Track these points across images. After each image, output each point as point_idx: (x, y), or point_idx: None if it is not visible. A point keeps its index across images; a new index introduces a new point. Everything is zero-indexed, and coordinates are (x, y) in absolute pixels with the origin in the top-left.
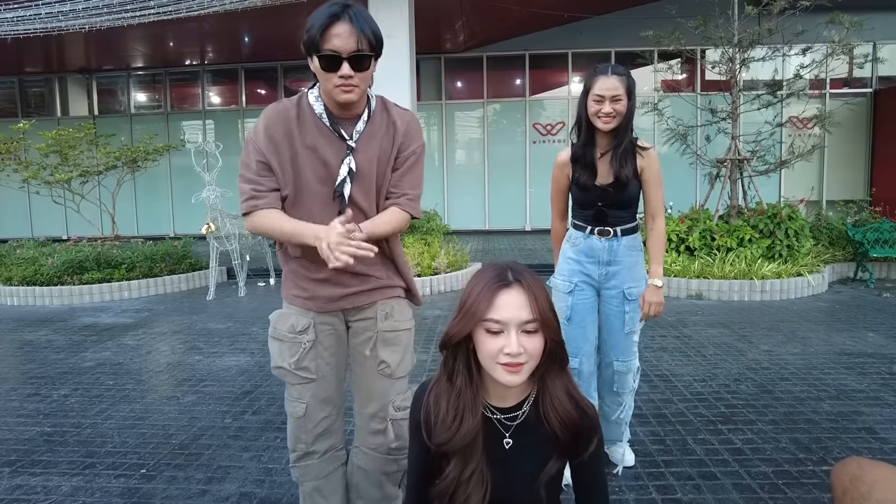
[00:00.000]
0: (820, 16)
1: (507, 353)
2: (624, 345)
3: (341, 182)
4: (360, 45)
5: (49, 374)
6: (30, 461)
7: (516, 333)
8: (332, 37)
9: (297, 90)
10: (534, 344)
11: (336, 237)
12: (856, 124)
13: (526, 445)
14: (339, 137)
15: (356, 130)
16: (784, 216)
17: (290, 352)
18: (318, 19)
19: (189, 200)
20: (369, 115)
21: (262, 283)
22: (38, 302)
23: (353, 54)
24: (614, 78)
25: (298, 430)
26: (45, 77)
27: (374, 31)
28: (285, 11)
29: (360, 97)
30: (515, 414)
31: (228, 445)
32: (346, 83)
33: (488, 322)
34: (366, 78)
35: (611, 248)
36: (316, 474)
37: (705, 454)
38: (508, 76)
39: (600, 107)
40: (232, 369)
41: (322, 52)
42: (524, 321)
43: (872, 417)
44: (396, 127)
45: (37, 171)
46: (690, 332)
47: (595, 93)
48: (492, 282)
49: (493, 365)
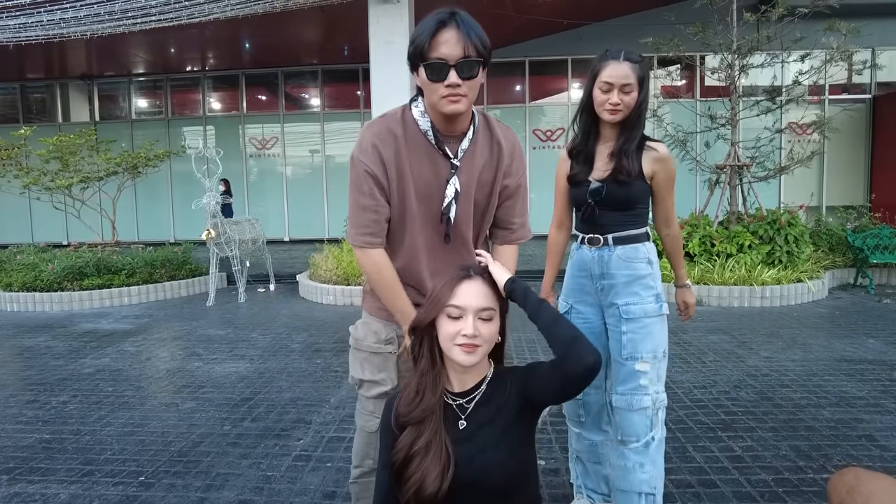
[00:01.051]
0: (818, 22)
1: (464, 335)
2: (624, 374)
3: (448, 204)
4: (468, 52)
5: (48, 380)
6: (28, 468)
7: (473, 319)
8: (440, 44)
9: (297, 96)
10: (489, 330)
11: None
12: (855, 130)
13: (482, 420)
14: (445, 156)
15: (461, 148)
16: (784, 222)
17: (371, 362)
18: (426, 27)
19: (189, 206)
20: (474, 132)
21: (262, 290)
22: (38, 308)
23: (461, 61)
24: (626, 65)
25: (368, 445)
26: (46, 83)
27: (482, 37)
28: (286, 18)
29: (468, 109)
30: (473, 395)
31: (227, 453)
32: (453, 92)
33: (450, 308)
34: (474, 87)
35: (601, 260)
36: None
37: (705, 462)
38: (508, 82)
39: (608, 96)
40: (231, 376)
41: (429, 60)
42: (481, 308)
43: (873, 425)
44: (501, 147)
45: (37, 176)
46: (690, 339)
47: (603, 79)
48: (455, 275)
49: (451, 346)
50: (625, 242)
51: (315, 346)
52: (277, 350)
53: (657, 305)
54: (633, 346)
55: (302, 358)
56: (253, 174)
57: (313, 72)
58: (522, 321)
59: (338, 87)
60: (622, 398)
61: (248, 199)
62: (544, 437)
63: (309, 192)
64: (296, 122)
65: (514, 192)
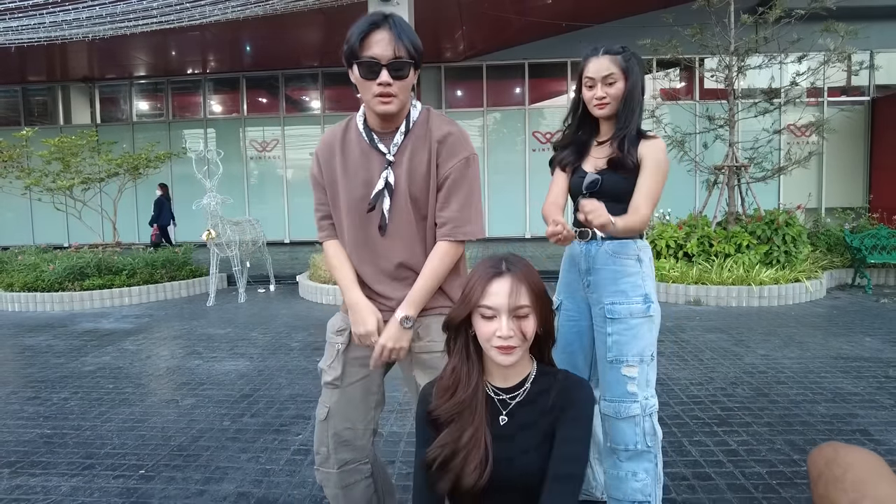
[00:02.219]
0: (815, 24)
1: (498, 336)
2: (611, 379)
3: (377, 194)
4: (399, 52)
5: (49, 377)
6: (29, 462)
7: (507, 318)
8: (372, 44)
9: (297, 99)
10: (526, 327)
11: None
12: (854, 132)
13: (525, 422)
14: (379, 152)
15: (394, 143)
16: (781, 222)
17: (327, 353)
18: (358, 28)
19: (190, 207)
20: (408, 128)
21: (262, 290)
22: (39, 308)
23: (392, 61)
24: (605, 58)
25: (320, 433)
26: (48, 86)
27: (414, 40)
28: (286, 20)
29: (400, 109)
30: (516, 392)
31: (227, 447)
32: (384, 91)
33: (482, 308)
34: (405, 87)
35: (588, 253)
36: (336, 483)
37: (700, 455)
38: (508, 85)
39: (593, 91)
40: (231, 373)
41: (361, 58)
42: (515, 307)
43: (867, 420)
44: (432, 138)
45: (39, 178)
46: (688, 338)
47: (586, 76)
48: (486, 271)
49: (489, 347)
50: (614, 237)
51: (314, 345)
52: (277, 348)
53: (644, 306)
54: (619, 348)
55: (301, 356)
56: (253, 176)
57: (313, 74)
58: None
59: (338, 90)
60: (610, 405)
61: (248, 201)
62: None
63: (308, 194)
64: (296, 125)
65: (443, 184)
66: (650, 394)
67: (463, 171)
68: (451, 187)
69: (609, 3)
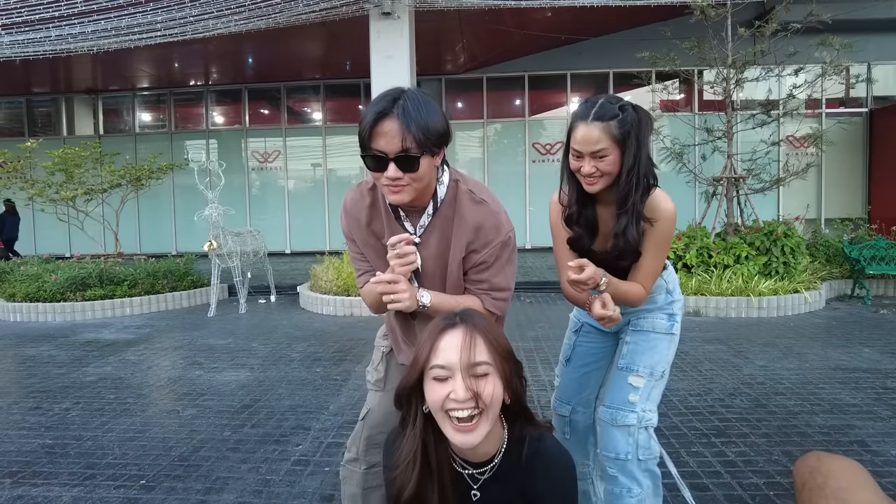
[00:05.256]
0: (812, 37)
1: (453, 400)
2: (615, 384)
3: (409, 281)
4: (407, 144)
5: (51, 388)
6: (31, 472)
7: (462, 377)
8: (378, 136)
9: (299, 110)
10: (489, 387)
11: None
12: (853, 143)
13: (499, 498)
14: (406, 231)
15: (420, 224)
16: (780, 233)
17: (374, 356)
18: (368, 116)
19: (191, 218)
20: (435, 208)
21: (263, 301)
22: (41, 318)
23: (399, 155)
24: (595, 126)
25: (357, 432)
26: (51, 97)
27: (427, 125)
28: (288, 33)
29: (416, 196)
30: (485, 468)
31: (227, 457)
32: (393, 184)
33: (433, 369)
34: (419, 177)
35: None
36: (359, 482)
37: (698, 466)
38: (508, 97)
39: (580, 163)
40: (232, 384)
41: (368, 152)
42: (472, 363)
43: (865, 431)
44: (465, 225)
45: (43, 188)
46: (687, 349)
47: (573, 145)
48: (436, 326)
49: (443, 418)
50: None
51: (315, 356)
52: (277, 359)
53: (669, 323)
54: (632, 356)
55: (302, 367)
56: (255, 187)
57: (315, 86)
58: (520, 330)
59: (339, 102)
60: (608, 411)
61: (250, 212)
62: None
63: (310, 205)
64: (298, 136)
65: (477, 265)
66: (650, 408)
67: (498, 253)
68: (484, 269)
69: (607, 16)
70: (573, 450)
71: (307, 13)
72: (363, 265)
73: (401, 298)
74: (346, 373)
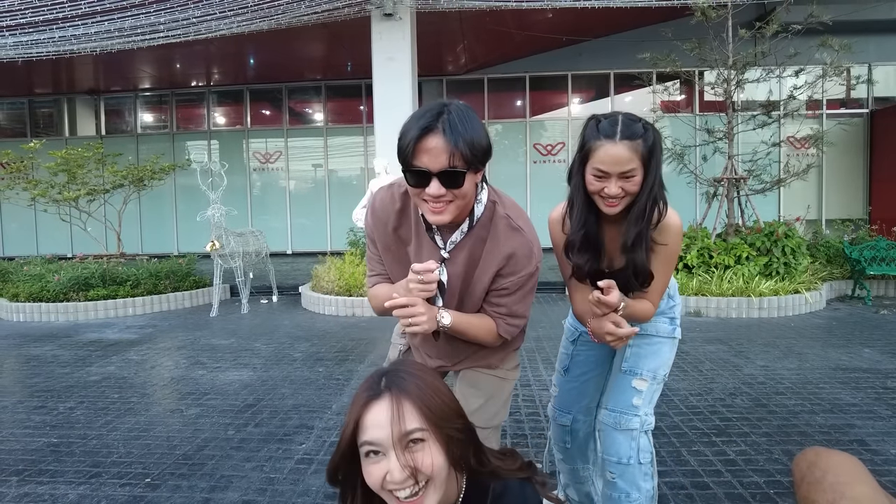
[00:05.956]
0: (813, 38)
1: (390, 481)
2: (619, 388)
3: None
4: (453, 161)
5: (55, 387)
6: (37, 470)
7: (396, 454)
8: (422, 152)
9: (300, 111)
10: (427, 458)
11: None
12: (853, 144)
13: None
14: (435, 244)
15: (451, 241)
16: (781, 234)
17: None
18: (411, 131)
19: (194, 219)
20: (470, 226)
21: (265, 301)
22: (44, 318)
23: (444, 171)
24: (624, 146)
25: None
26: (54, 98)
27: (472, 140)
28: (290, 34)
29: (458, 216)
30: None
31: (231, 456)
32: (436, 202)
33: (364, 445)
34: (462, 194)
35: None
36: None
37: (699, 465)
38: (509, 98)
39: (603, 184)
40: (235, 383)
41: (411, 167)
42: (403, 434)
43: (865, 430)
44: (499, 250)
45: (45, 189)
46: (688, 349)
47: (595, 165)
48: (360, 397)
49: (387, 496)
50: None
51: (317, 356)
52: (280, 359)
53: (671, 327)
54: (636, 360)
55: (304, 366)
56: (257, 188)
57: (317, 87)
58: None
59: (341, 103)
60: (611, 415)
61: (251, 213)
62: (541, 442)
63: (312, 206)
64: (299, 137)
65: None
66: (650, 412)
67: (524, 282)
68: (506, 294)
69: (608, 17)
70: (574, 457)
71: (309, 14)
72: (378, 267)
73: (419, 322)
74: (348, 372)
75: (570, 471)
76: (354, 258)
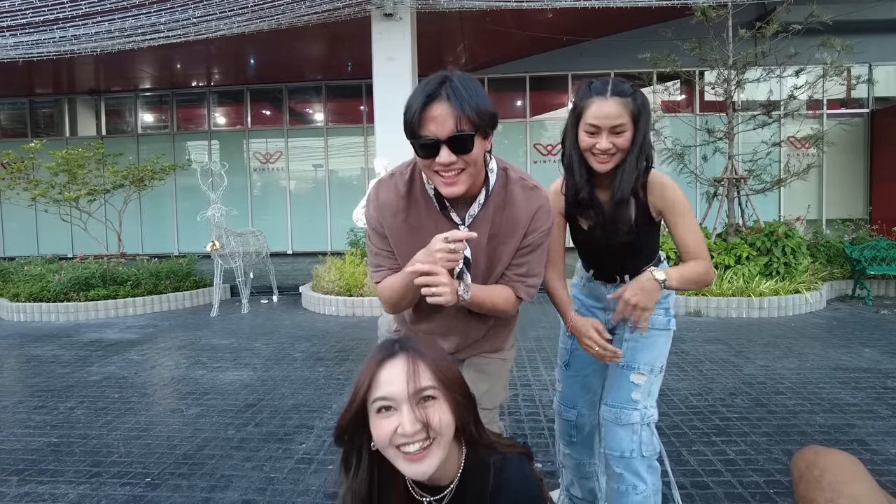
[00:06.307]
0: (813, 38)
1: (401, 435)
2: (617, 383)
3: (459, 273)
4: (461, 125)
5: (55, 387)
6: (37, 470)
7: (409, 407)
8: (429, 120)
9: (301, 111)
10: (437, 414)
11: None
12: (854, 144)
13: None
14: (451, 222)
15: (469, 214)
16: (781, 234)
17: None
18: (416, 101)
19: (194, 219)
20: (486, 196)
21: (265, 301)
22: (45, 318)
23: (453, 136)
24: (614, 101)
25: None
26: (54, 98)
27: (478, 105)
28: (290, 34)
29: (471, 184)
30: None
31: (231, 456)
32: (447, 170)
33: (376, 402)
34: (473, 160)
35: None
36: None
37: (699, 464)
38: (509, 97)
39: (595, 140)
40: (235, 383)
41: (419, 137)
42: (417, 390)
43: (865, 430)
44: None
45: (46, 189)
46: (688, 349)
47: (588, 121)
48: (374, 358)
49: (394, 453)
50: None
51: (317, 355)
52: (280, 359)
53: (665, 319)
54: (632, 354)
55: (304, 366)
56: (257, 188)
57: (317, 87)
58: (521, 330)
59: (341, 103)
60: (611, 410)
61: (252, 213)
62: (541, 442)
63: (312, 206)
64: (300, 137)
65: (522, 249)
66: (651, 404)
67: (543, 238)
68: (528, 252)
69: (608, 17)
70: (581, 451)
71: (309, 14)
72: (387, 262)
73: (442, 292)
74: (348, 372)
75: (576, 465)
76: (355, 258)
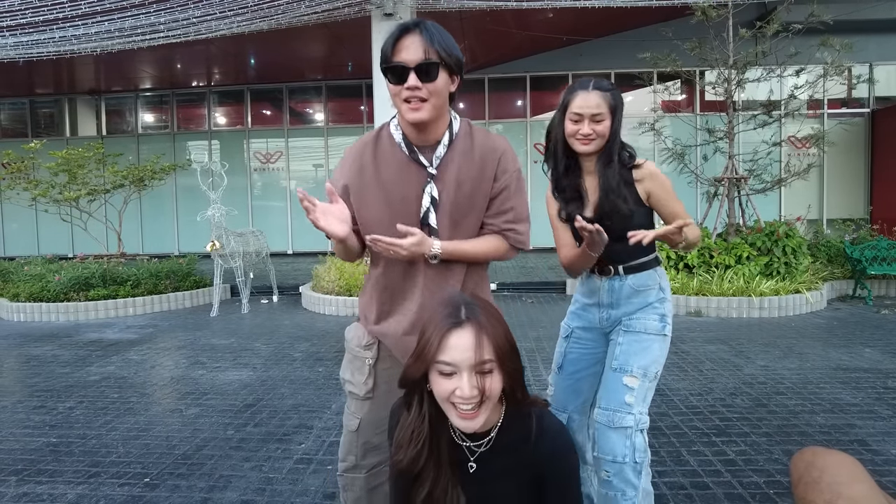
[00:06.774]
0: (813, 38)
1: (459, 397)
2: (610, 386)
3: (426, 213)
4: (429, 55)
5: (55, 387)
6: (36, 470)
7: (469, 375)
8: (401, 49)
9: (301, 111)
10: (491, 384)
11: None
12: (855, 144)
13: (494, 471)
14: (419, 165)
15: (436, 156)
16: (781, 234)
17: (353, 366)
18: (391, 34)
19: (194, 219)
20: (451, 139)
21: (265, 301)
22: (45, 318)
23: (421, 63)
24: (595, 94)
25: (349, 443)
26: (55, 98)
27: (446, 44)
28: (291, 34)
29: (434, 116)
30: (482, 441)
31: (230, 456)
32: (412, 95)
33: (440, 364)
34: (437, 91)
35: (612, 289)
36: (361, 487)
37: (699, 465)
38: (510, 97)
39: (578, 126)
40: (234, 383)
41: (390, 63)
42: (477, 362)
43: (865, 430)
44: (485, 152)
45: (46, 189)
46: (688, 349)
47: (573, 110)
48: (444, 322)
49: (448, 407)
50: (636, 270)
51: (317, 355)
52: (280, 359)
53: (661, 325)
54: (626, 357)
55: (304, 366)
56: (257, 188)
57: (317, 87)
58: (521, 330)
59: (341, 102)
60: (605, 413)
61: (252, 213)
62: None
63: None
64: (300, 137)
65: (499, 194)
66: (643, 411)
67: (519, 182)
68: (507, 197)
69: (608, 17)
70: None
71: (309, 14)
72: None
73: (396, 249)
74: None
75: None
76: None
